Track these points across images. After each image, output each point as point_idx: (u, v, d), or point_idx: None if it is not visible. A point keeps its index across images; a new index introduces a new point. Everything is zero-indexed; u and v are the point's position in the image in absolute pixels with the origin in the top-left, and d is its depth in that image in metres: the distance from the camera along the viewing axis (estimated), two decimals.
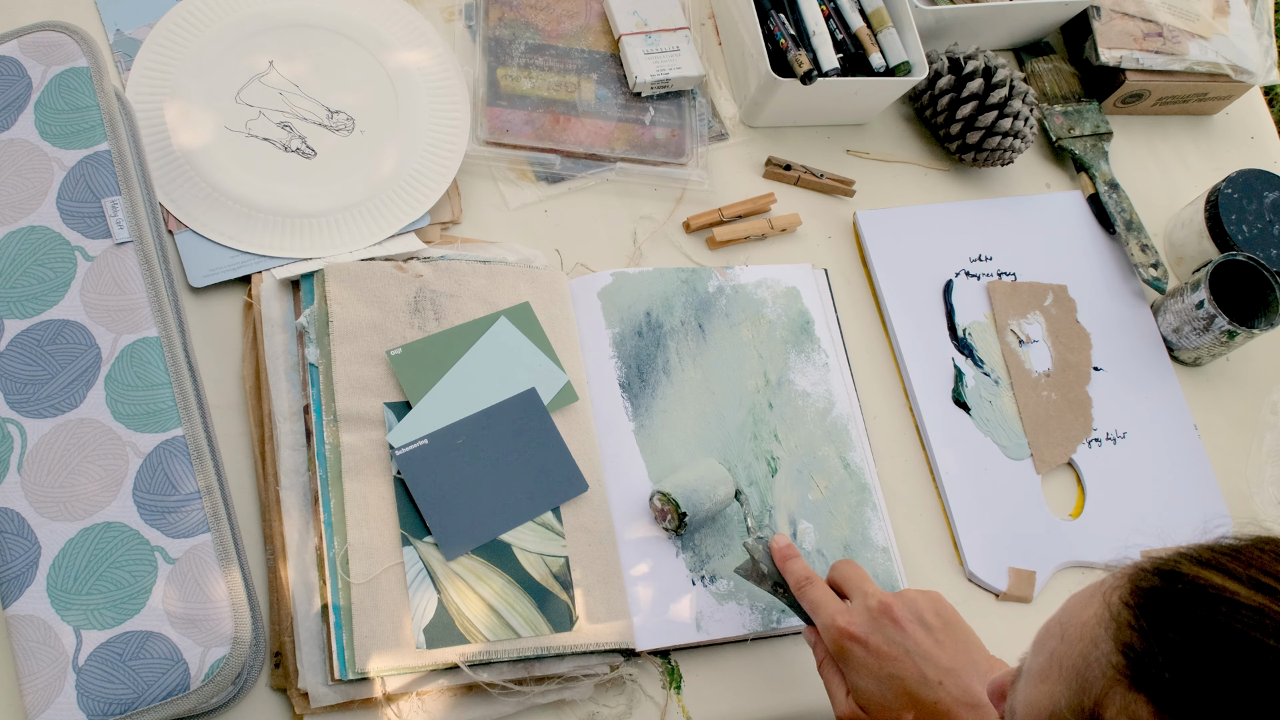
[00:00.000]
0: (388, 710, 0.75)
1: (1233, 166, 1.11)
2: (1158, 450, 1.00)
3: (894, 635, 0.71)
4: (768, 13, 0.99)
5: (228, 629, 0.69)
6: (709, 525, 0.85)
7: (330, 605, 0.74)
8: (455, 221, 0.92)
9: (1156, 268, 1.06)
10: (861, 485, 0.89)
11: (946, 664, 0.70)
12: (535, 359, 0.84)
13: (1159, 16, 1.13)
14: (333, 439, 0.78)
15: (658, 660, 0.82)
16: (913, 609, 0.72)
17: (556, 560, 0.79)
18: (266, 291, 0.83)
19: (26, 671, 0.68)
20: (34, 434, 0.72)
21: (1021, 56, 1.15)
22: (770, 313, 0.94)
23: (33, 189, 0.77)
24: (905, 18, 1.01)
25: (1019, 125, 1.02)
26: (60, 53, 0.80)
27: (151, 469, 0.72)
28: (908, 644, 0.70)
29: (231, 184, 0.87)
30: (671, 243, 0.97)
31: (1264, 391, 1.06)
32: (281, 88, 0.91)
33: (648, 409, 0.88)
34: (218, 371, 0.83)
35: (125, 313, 0.75)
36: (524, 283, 0.87)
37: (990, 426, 0.96)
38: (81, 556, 0.70)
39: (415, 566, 0.76)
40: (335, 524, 0.76)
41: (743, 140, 1.04)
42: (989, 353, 0.99)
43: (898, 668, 0.70)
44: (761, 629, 0.83)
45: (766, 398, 0.91)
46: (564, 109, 0.98)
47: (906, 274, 1.01)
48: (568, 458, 0.82)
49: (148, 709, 0.67)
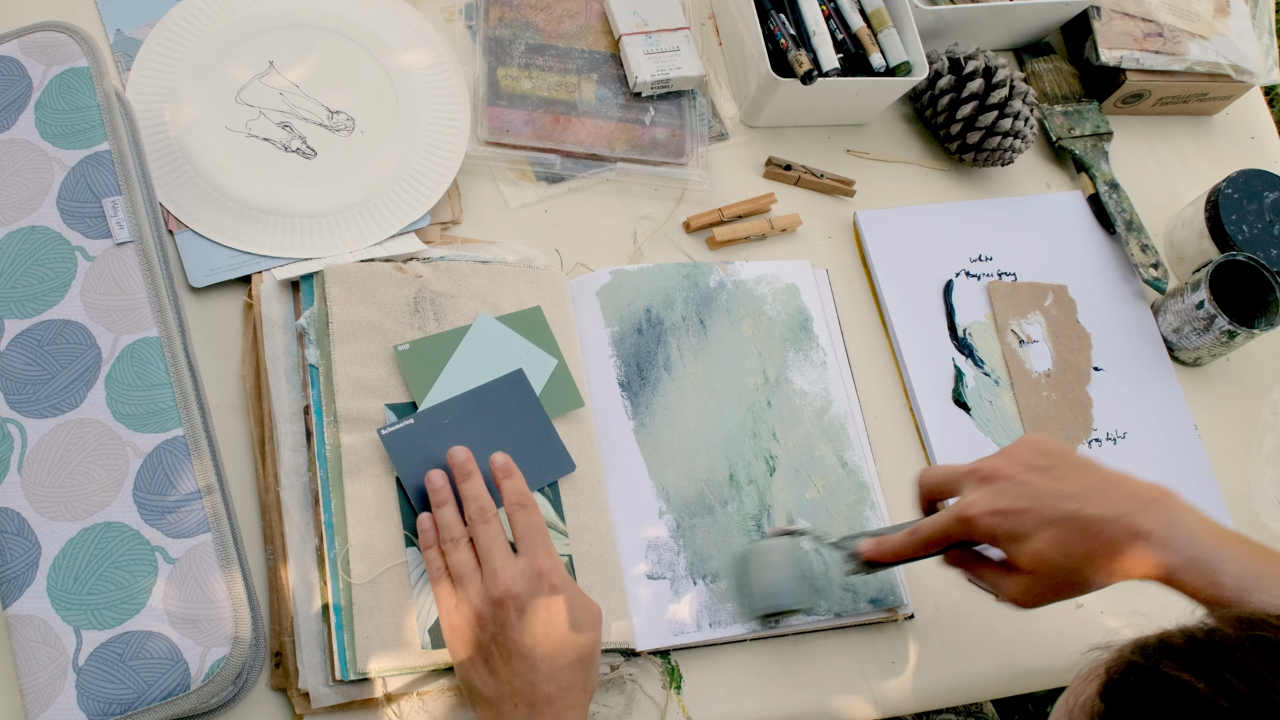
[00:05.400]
0: (389, 710, 0.75)
1: (1233, 166, 1.11)
2: (1158, 450, 1.00)
3: (1015, 490, 0.70)
4: (768, 13, 0.99)
5: (228, 629, 0.69)
6: (710, 525, 0.85)
7: (331, 605, 0.74)
8: (455, 221, 0.93)
9: (1157, 268, 1.06)
10: (860, 484, 0.89)
11: (1074, 490, 0.69)
12: (521, 347, 0.84)
13: (1159, 16, 1.13)
14: (333, 440, 0.78)
15: (658, 660, 0.82)
16: (1016, 460, 0.72)
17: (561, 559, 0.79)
18: (266, 292, 0.83)
19: (26, 671, 0.68)
20: (34, 434, 0.72)
21: (1022, 56, 1.15)
22: (770, 309, 0.94)
23: (33, 189, 0.77)
24: (905, 18, 1.01)
25: (1019, 125, 1.02)
26: (60, 53, 0.80)
27: (152, 469, 0.72)
28: (1034, 491, 0.70)
29: (231, 184, 0.87)
30: (672, 243, 0.97)
31: (1264, 391, 1.06)
32: (282, 88, 0.91)
33: (648, 407, 0.88)
34: (218, 371, 0.83)
35: (125, 313, 0.75)
36: (524, 283, 0.88)
37: (990, 426, 0.96)
38: (82, 556, 0.70)
39: (419, 567, 0.76)
40: (336, 524, 0.76)
41: (743, 140, 1.04)
42: (989, 353, 0.99)
43: (1037, 516, 0.69)
44: (761, 629, 0.83)
45: (765, 396, 0.91)
46: (564, 109, 0.98)
47: (906, 274, 1.01)
48: (555, 438, 0.82)
49: (148, 709, 0.67)
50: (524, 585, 0.70)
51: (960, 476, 0.74)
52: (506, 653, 0.69)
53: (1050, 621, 0.90)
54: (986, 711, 1.10)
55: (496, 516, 0.75)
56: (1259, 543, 0.68)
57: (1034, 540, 0.69)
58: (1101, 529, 0.68)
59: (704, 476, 0.86)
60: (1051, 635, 0.89)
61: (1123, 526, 0.67)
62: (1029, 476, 0.71)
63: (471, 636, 0.71)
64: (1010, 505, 0.70)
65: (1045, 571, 0.70)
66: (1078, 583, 0.70)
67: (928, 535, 0.74)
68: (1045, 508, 0.69)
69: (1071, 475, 0.71)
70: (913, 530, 0.75)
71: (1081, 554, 0.68)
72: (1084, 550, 0.68)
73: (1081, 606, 0.91)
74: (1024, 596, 0.72)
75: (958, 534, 0.72)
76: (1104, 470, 0.71)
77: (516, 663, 0.69)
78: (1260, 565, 0.65)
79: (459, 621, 0.71)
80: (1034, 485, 0.70)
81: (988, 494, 0.71)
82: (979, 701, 1.02)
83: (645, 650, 0.81)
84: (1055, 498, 0.69)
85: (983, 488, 0.72)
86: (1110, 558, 0.68)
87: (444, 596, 0.73)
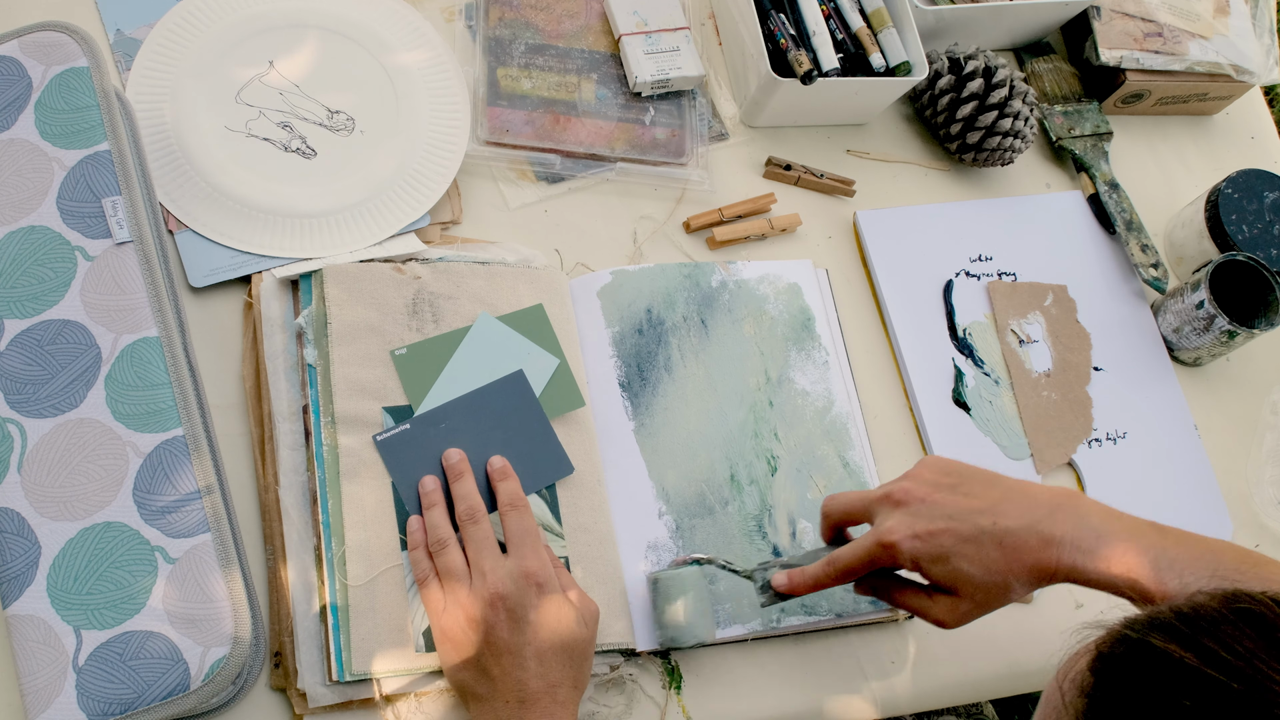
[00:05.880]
0: (386, 711, 0.75)
1: (1233, 166, 1.11)
2: (1158, 450, 1.00)
3: (930, 511, 0.71)
4: (768, 13, 0.99)
5: (228, 629, 0.69)
6: (710, 526, 0.85)
7: (328, 606, 0.74)
8: (455, 221, 0.92)
9: (1157, 268, 1.06)
10: (861, 484, 0.89)
11: (984, 505, 0.70)
12: (523, 347, 0.84)
13: (1159, 16, 1.13)
14: (331, 440, 0.78)
15: (658, 660, 0.82)
16: (924, 481, 0.72)
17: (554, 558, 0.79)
18: (266, 291, 0.83)
19: (26, 671, 0.68)
20: (34, 434, 0.72)
21: (1021, 56, 1.15)
22: (772, 309, 0.94)
23: (33, 189, 0.77)
24: (905, 18, 1.01)
25: (1019, 125, 1.02)
26: (60, 53, 0.80)
27: (151, 469, 0.72)
28: (948, 510, 0.70)
29: (231, 184, 0.87)
30: (672, 243, 0.97)
31: (1264, 391, 1.06)
32: (282, 88, 0.91)
33: (648, 407, 0.88)
34: (218, 371, 0.83)
35: (125, 313, 0.75)
36: (524, 283, 0.87)
37: (990, 426, 0.96)
38: (81, 556, 0.70)
39: None
40: (333, 525, 0.76)
41: (743, 140, 1.04)
42: (989, 353, 0.99)
43: (954, 535, 0.69)
44: (761, 629, 0.83)
45: (767, 395, 0.91)
46: (564, 109, 0.98)
47: (906, 274, 1.01)
48: (554, 440, 0.82)
49: (148, 709, 0.67)
50: (512, 586, 0.71)
51: (870, 502, 0.74)
52: (495, 652, 0.70)
53: (1050, 621, 0.90)
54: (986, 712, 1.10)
55: (486, 518, 0.75)
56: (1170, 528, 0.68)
57: (955, 560, 0.69)
58: (1016, 540, 0.68)
59: (704, 477, 0.86)
60: (1051, 635, 0.89)
61: (1034, 535, 0.68)
62: (940, 496, 0.71)
63: (461, 638, 0.71)
64: (927, 527, 0.70)
65: (969, 589, 0.70)
66: (1000, 596, 0.70)
67: (847, 564, 0.74)
68: (961, 525, 0.70)
69: (979, 490, 0.71)
70: (830, 560, 0.75)
71: (1001, 567, 0.69)
72: (1003, 563, 0.69)
73: (1082, 606, 0.91)
74: (950, 616, 0.72)
75: (880, 560, 0.72)
76: (1009, 480, 0.72)
77: (505, 661, 0.70)
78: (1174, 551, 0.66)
79: (449, 623, 0.72)
80: (946, 504, 0.71)
81: (904, 518, 0.71)
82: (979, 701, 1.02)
83: (645, 650, 0.81)
84: (969, 514, 0.70)
85: (898, 512, 0.72)
86: (1027, 567, 0.69)
87: (432, 599, 0.74)
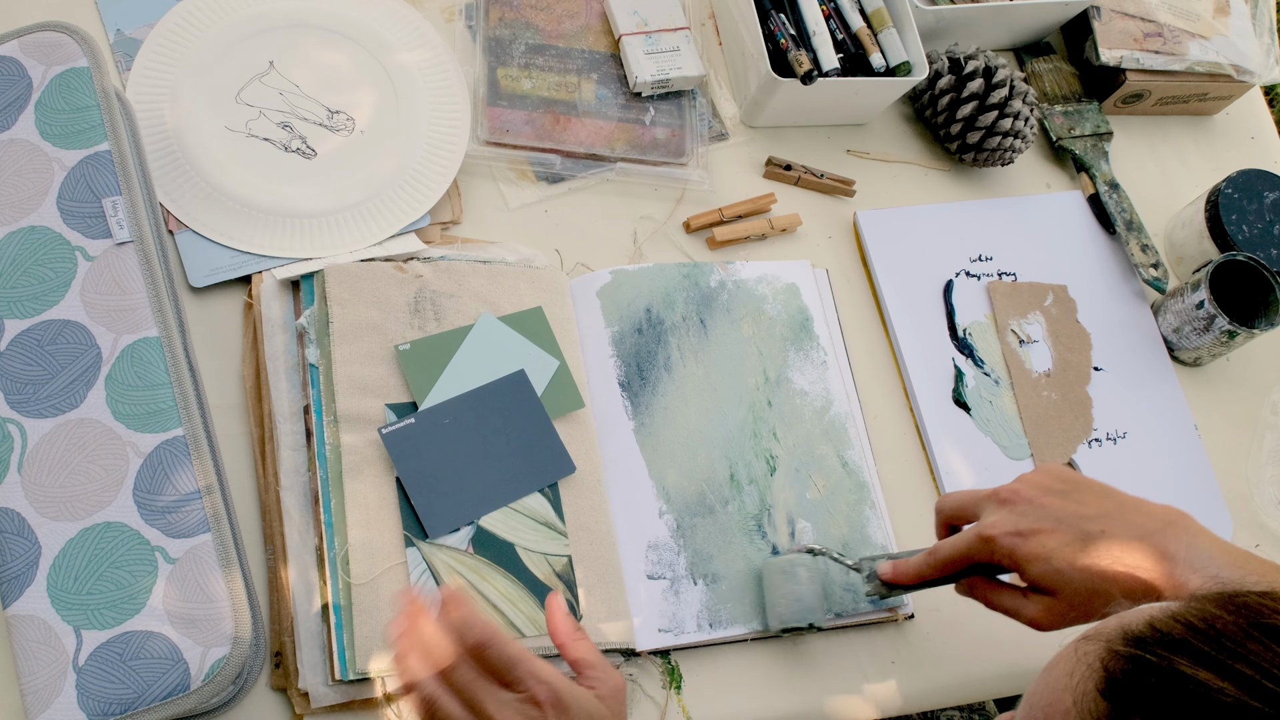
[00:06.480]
0: (388, 710, 0.75)
1: (1233, 166, 1.11)
2: (1158, 450, 1.00)
3: (1036, 513, 0.71)
4: (768, 13, 0.99)
5: (228, 629, 0.69)
6: (710, 525, 0.85)
7: (331, 605, 0.74)
8: (455, 221, 0.93)
9: (1157, 268, 1.06)
10: (860, 484, 0.89)
11: (1095, 513, 0.70)
12: (524, 348, 0.84)
13: (1159, 16, 1.13)
14: (333, 439, 0.78)
15: (658, 660, 0.82)
16: (1037, 485, 0.72)
17: (560, 559, 0.79)
18: (266, 291, 0.83)
19: (27, 671, 0.68)
20: (34, 434, 0.72)
21: (1022, 56, 1.15)
22: (770, 309, 0.94)
23: (33, 189, 0.77)
24: (905, 18, 1.01)
25: (1019, 125, 1.02)
26: (60, 53, 0.80)
27: (152, 469, 0.72)
28: (1055, 514, 0.70)
29: (231, 184, 0.87)
30: (672, 243, 0.97)
31: (1264, 391, 1.06)
32: (282, 88, 0.91)
33: (648, 407, 0.88)
34: (218, 371, 0.83)
35: (125, 313, 0.75)
36: (524, 283, 0.88)
37: (990, 426, 0.96)
38: (82, 556, 0.70)
39: (419, 567, 0.76)
40: (336, 524, 0.76)
41: (743, 140, 1.04)
42: (989, 353, 0.99)
43: (1057, 538, 0.69)
44: (761, 629, 0.83)
45: (766, 395, 0.91)
46: (564, 109, 0.98)
47: (906, 274, 1.01)
48: (555, 439, 0.82)
49: (148, 709, 0.67)
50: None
51: (979, 500, 0.75)
52: None
53: None
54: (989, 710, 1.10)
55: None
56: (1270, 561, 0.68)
57: (1055, 560, 0.69)
58: (1125, 551, 0.68)
59: (704, 476, 0.86)
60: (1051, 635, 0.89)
61: (1146, 548, 0.68)
62: (1049, 500, 0.71)
63: None
64: (1031, 525, 0.70)
65: (1067, 592, 0.70)
66: (1101, 604, 0.69)
67: (947, 556, 0.74)
68: (1066, 529, 0.69)
69: (1091, 499, 0.71)
70: (932, 550, 0.75)
71: (1106, 576, 0.68)
72: (1109, 573, 0.68)
73: None
74: (1045, 617, 0.72)
75: (978, 554, 0.73)
76: (1122, 495, 0.72)
77: None
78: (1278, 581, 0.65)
79: None
80: (1054, 508, 0.71)
81: (1008, 515, 0.71)
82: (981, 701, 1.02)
83: (645, 650, 0.81)
84: (1076, 519, 0.70)
85: (1003, 510, 0.72)
86: (1136, 579, 0.68)
87: None
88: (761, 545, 0.85)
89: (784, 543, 0.86)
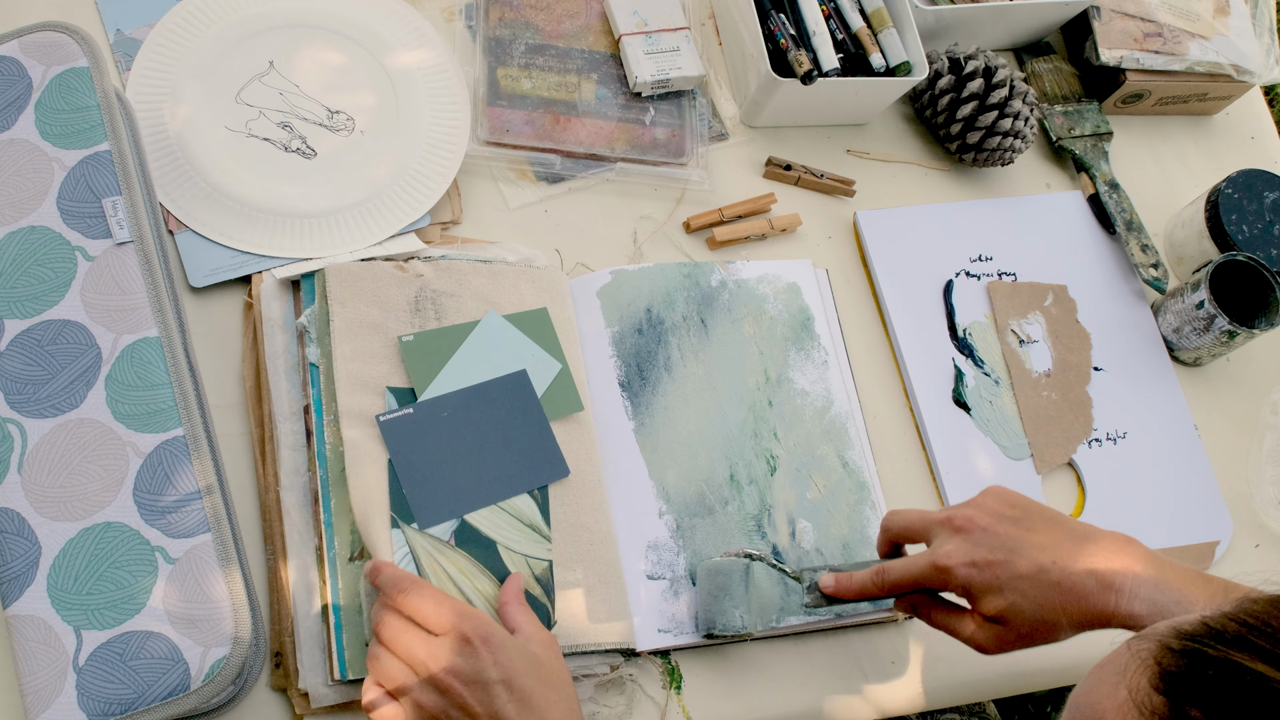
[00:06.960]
0: None
1: (1233, 166, 1.11)
2: (1158, 450, 1.00)
3: (990, 541, 0.70)
4: (768, 13, 0.99)
5: (228, 629, 0.69)
6: (710, 525, 0.85)
7: (330, 605, 0.74)
8: (455, 221, 0.93)
9: (1157, 268, 1.06)
10: (860, 484, 0.89)
11: (1046, 542, 0.70)
12: (527, 348, 0.84)
13: (1159, 16, 1.13)
14: (333, 439, 0.78)
15: (658, 660, 0.82)
16: (990, 512, 0.72)
17: (540, 563, 0.79)
18: (267, 291, 0.83)
19: (27, 671, 0.68)
20: (34, 434, 0.72)
21: (1022, 56, 1.15)
22: (771, 309, 0.94)
23: (33, 189, 0.77)
24: (905, 18, 1.01)
25: (1019, 125, 1.02)
26: (60, 53, 0.80)
27: (152, 469, 0.72)
28: (1009, 544, 0.70)
29: (231, 184, 0.87)
30: (672, 243, 0.97)
31: (1264, 391, 1.06)
32: (282, 88, 0.91)
33: (648, 407, 0.88)
34: (218, 371, 0.83)
35: (125, 313, 0.75)
36: (524, 283, 0.88)
37: (990, 426, 0.96)
38: (82, 556, 0.70)
39: (402, 550, 0.76)
40: (335, 524, 0.76)
41: (743, 140, 1.04)
42: (989, 353, 0.99)
43: (1011, 569, 0.69)
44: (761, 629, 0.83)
45: (767, 395, 0.91)
46: (564, 109, 0.98)
47: (906, 274, 1.01)
48: (551, 441, 0.82)
49: (148, 709, 0.67)
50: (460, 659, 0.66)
51: (930, 524, 0.74)
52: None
53: None
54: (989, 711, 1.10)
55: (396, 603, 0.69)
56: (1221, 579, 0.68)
57: (1008, 592, 0.69)
58: (1075, 582, 0.68)
59: (704, 476, 0.86)
60: None
61: (1094, 579, 0.68)
62: (1002, 528, 0.71)
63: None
64: (986, 557, 0.70)
65: (1018, 622, 0.70)
66: (1048, 634, 0.70)
67: (897, 579, 0.74)
68: (1020, 561, 0.69)
69: (1042, 526, 0.71)
70: (880, 570, 0.75)
71: (1055, 606, 0.69)
72: (1058, 603, 0.69)
73: None
74: (992, 643, 0.72)
75: (931, 581, 0.73)
76: (1071, 522, 0.72)
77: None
78: None
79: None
80: (1008, 537, 0.71)
81: (963, 544, 0.71)
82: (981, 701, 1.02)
83: (645, 650, 0.81)
84: (1030, 550, 0.70)
85: (957, 537, 0.72)
86: (1082, 610, 0.68)
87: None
88: (761, 545, 0.85)
89: (784, 543, 0.86)
